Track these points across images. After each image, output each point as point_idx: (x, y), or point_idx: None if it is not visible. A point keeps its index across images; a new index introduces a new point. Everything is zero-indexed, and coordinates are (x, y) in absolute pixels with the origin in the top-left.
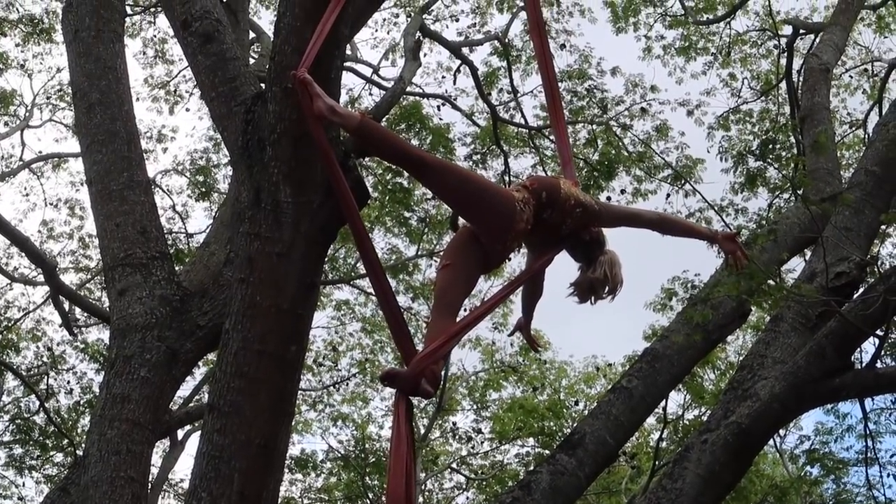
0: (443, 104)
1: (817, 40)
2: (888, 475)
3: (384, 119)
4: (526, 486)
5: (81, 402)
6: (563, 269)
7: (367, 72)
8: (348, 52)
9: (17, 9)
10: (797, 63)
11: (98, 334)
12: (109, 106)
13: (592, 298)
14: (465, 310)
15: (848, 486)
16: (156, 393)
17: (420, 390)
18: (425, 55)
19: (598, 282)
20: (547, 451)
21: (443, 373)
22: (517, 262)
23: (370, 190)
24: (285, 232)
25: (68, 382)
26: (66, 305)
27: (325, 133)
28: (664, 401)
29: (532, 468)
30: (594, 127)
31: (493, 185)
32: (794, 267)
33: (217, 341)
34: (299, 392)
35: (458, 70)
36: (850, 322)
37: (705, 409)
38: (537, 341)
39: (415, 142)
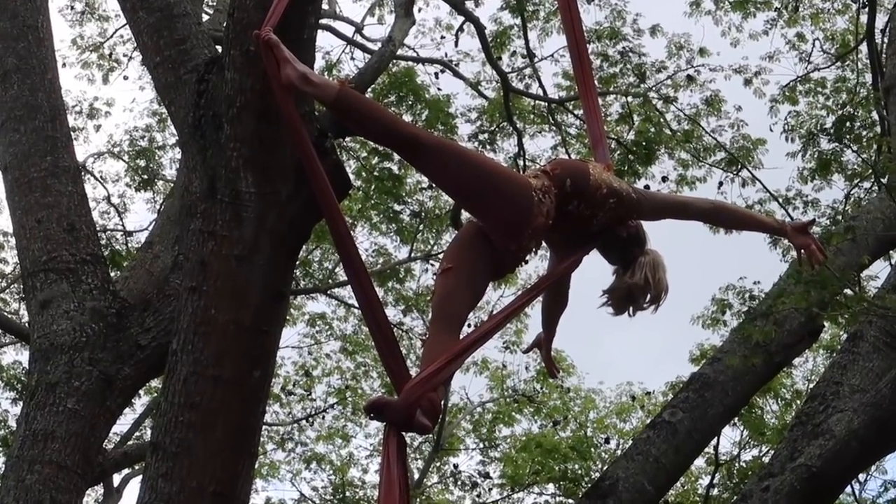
0: (442, 71)
1: None
2: None
3: (369, 90)
4: None
5: None
6: (592, 272)
7: (349, 31)
8: (325, 6)
9: None
10: (881, 21)
11: (15, 355)
12: (29, 74)
13: (631, 309)
14: (469, 325)
15: None
16: (86, 429)
17: (415, 424)
18: (420, 10)
19: (637, 288)
20: (571, 501)
21: (443, 403)
22: (534, 265)
23: (352, 177)
24: (246, 229)
25: None
26: None
27: (297, 107)
28: (716, 438)
29: None
30: (629, 99)
31: (504, 170)
32: (877, 273)
33: (162, 365)
34: (264, 427)
35: (460, 29)
36: None
37: (767, 448)
38: (557, 364)
39: (407, 117)
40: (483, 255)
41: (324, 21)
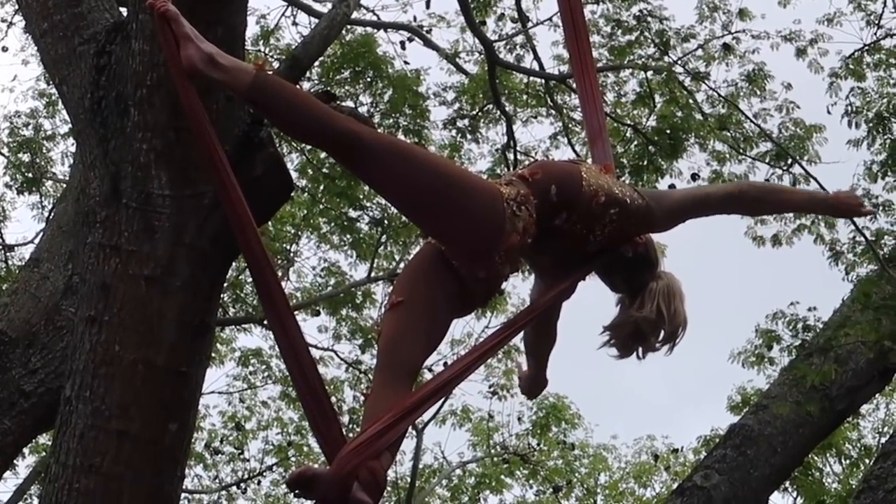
0: (409, 39)
1: None
2: None
3: (316, 63)
4: None
5: None
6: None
7: None
8: None
9: None
10: None
11: None
12: None
13: (640, 349)
14: (428, 371)
15: None
16: None
17: (351, 501)
18: None
19: (648, 323)
20: None
21: (411, 464)
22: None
23: (294, 176)
24: (160, 243)
25: None
26: None
27: (200, 97)
28: None
29: None
30: (649, 75)
31: (467, 176)
32: None
33: (52, 416)
34: (183, 496)
35: None
36: None
37: None
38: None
39: (365, 98)
40: (443, 284)
41: None
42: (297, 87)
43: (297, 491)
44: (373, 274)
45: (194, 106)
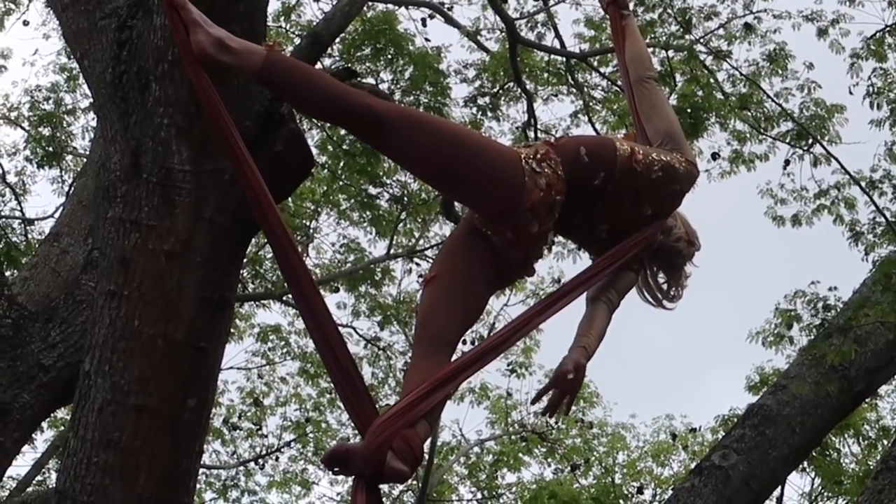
0: (430, 17)
1: None
2: None
3: (337, 40)
4: None
5: None
6: None
7: None
8: None
9: None
10: None
11: None
12: None
13: (671, 289)
14: (466, 343)
15: None
16: None
17: (386, 471)
18: None
19: (683, 244)
20: None
21: (430, 441)
22: (546, 265)
23: (315, 152)
24: (180, 218)
25: None
26: None
27: (221, 74)
28: (779, 488)
29: None
30: (670, 54)
31: (483, 140)
32: None
33: (71, 391)
34: (201, 471)
35: None
36: None
37: (845, 501)
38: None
39: (386, 75)
40: (478, 258)
41: None
42: (310, 65)
43: (332, 467)
44: (392, 251)
45: (208, 91)
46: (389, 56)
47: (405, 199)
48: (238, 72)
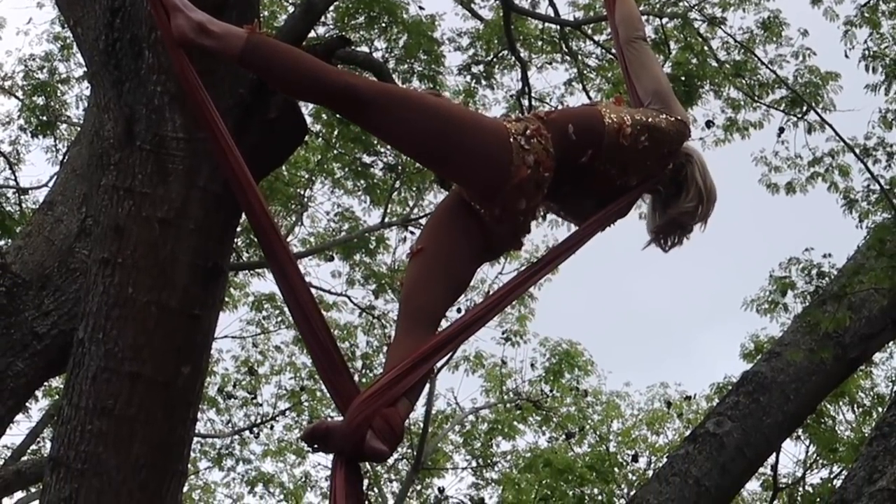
0: None
1: None
2: None
3: (331, 9)
4: None
5: None
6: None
7: None
8: None
9: None
10: None
11: None
12: None
13: (678, 237)
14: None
15: None
16: None
17: (366, 450)
18: None
19: (694, 209)
20: None
21: (424, 409)
22: (540, 234)
23: (309, 120)
24: (174, 186)
25: None
26: None
27: (198, 66)
28: (774, 455)
29: None
30: (664, 21)
31: (470, 115)
32: None
33: (65, 359)
34: (196, 440)
35: None
36: None
37: (839, 468)
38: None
39: (380, 44)
40: (465, 231)
41: None
42: (291, 46)
43: (313, 445)
44: (386, 219)
45: (188, 76)
46: (383, 24)
47: (399, 167)
48: (218, 55)
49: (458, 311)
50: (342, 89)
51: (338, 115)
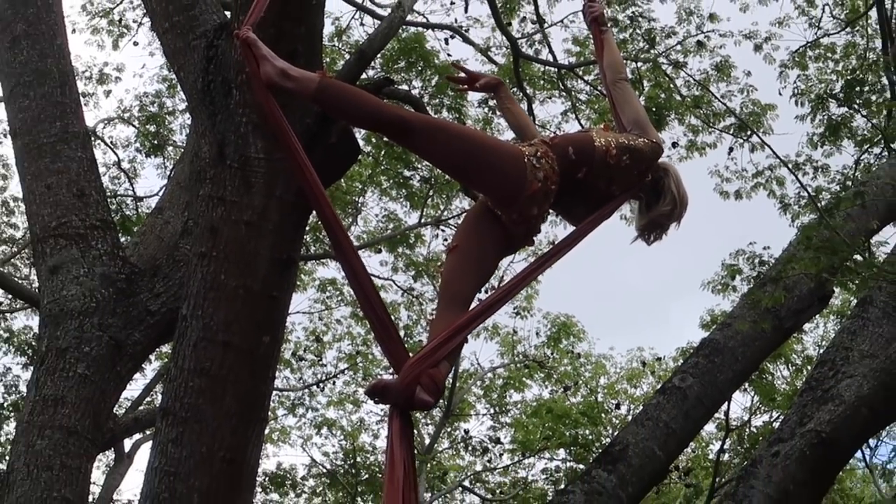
0: (451, 37)
1: None
2: None
3: (378, 55)
4: None
5: (5, 404)
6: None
7: None
8: None
9: None
10: None
11: (26, 321)
12: (38, 39)
13: (655, 234)
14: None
15: None
16: (96, 394)
17: (416, 402)
18: None
19: (671, 213)
20: (581, 466)
21: (453, 370)
22: (545, 230)
23: (361, 143)
24: (256, 196)
25: None
26: None
27: (278, 101)
28: (726, 404)
29: (563, 487)
30: (639, 65)
31: (493, 141)
32: (887, 238)
33: (172, 330)
34: (275, 393)
35: None
36: None
37: (777, 414)
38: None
39: (417, 83)
40: (490, 232)
41: None
42: (353, 86)
43: (374, 398)
44: (422, 220)
45: (273, 110)
46: (419, 68)
47: (433, 179)
48: (296, 95)
49: (485, 293)
50: (395, 120)
51: (384, 139)
